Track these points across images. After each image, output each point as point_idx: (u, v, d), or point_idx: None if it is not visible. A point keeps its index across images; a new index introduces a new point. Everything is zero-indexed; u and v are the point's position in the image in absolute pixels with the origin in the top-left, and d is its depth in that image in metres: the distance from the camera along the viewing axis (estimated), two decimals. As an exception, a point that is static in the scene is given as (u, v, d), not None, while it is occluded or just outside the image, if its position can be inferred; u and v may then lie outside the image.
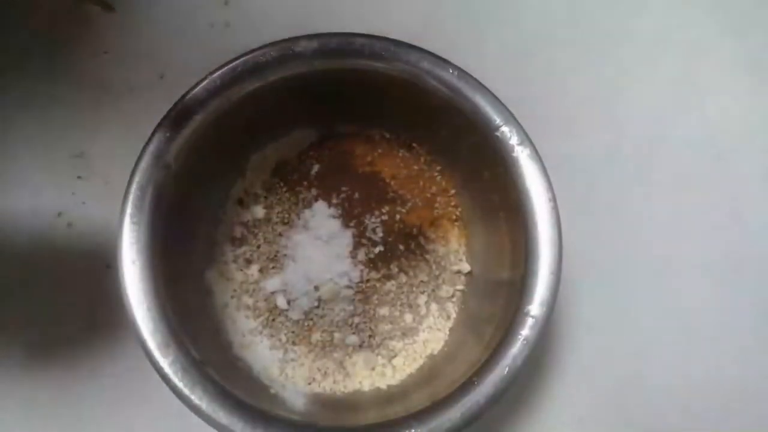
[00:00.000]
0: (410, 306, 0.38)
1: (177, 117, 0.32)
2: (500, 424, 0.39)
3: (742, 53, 0.45)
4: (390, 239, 0.38)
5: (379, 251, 0.38)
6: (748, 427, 0.40)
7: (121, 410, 0.37)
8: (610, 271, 0.41)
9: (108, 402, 0.37)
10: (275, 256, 0.38)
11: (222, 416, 0.29)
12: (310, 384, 0.36)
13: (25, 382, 0.37)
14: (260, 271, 0.38)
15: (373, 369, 0.37)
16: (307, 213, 0.38)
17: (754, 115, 0.44)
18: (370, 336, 0.37)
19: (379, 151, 0.40)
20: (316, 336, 0.37)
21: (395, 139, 0.39)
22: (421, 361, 0.37)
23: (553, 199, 0.33)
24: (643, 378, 0.40)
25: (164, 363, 0.30)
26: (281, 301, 0.37)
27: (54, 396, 0.37)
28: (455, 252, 0.39)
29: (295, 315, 0.37)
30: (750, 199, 0.43)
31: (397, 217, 0.39)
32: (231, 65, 0.33)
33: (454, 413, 0.30)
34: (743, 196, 0.43)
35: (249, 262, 0.38)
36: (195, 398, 0.29)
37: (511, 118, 0.34)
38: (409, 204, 0.39)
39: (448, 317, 0.39)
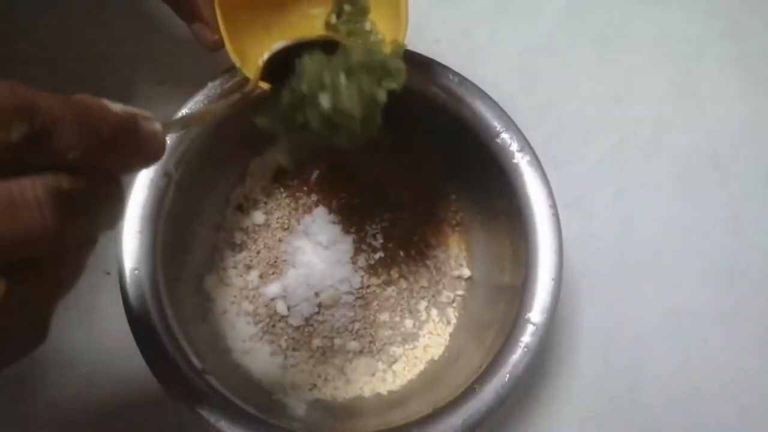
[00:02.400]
0: (411, 311, 0.38)
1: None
2: (500, 428, 0.39)
3: (741, 58, 0.45)
4: (390, 245, 0.38)
5: (380, 257, 0.38)
6: (748, 428, 0.40)
7: (120, 416, 0.37)
8: (610, 277, 0.41)
9: (108, 407, 0.37)
10: (275, 261, 0.38)
11: (224, 425, 0.29)
12: (311, 390, 0.36)
13: (25, 389, 0.37)
14: (260, 276, 0.38)
15: (373, 375, 0.37)
16: (307, 219, 0.38)
17: (753, 119, 0.44)
18: (370, 342, 0.37)
19: (380, 156, 0.39)
20: (317, 342, 0.37)
21: (396, 145, 0.39)
22: (421, 367, 0.38)
23: (554, 206, 0.33)
24: (643, 382, 0.40)
25: (165, 371, 0.30)
26: (281, 307, 0.37)
27: (52, 402, 0.37)
28: (455, 257, 0.39)
29: (295, 321, 0.37)
30: (748, 203, 0.43)
31: (398, 222, 0.39)
32: (230, 72, 0.33)
33: (455, 420, 0.30)
34: (741, 200, 0.43)
35: (249, 267, 0.38)
36: (197, 407, 0.29)
37: (512, 125, 0.34)
38: (410, 210, 0.39)
39: (449, 322, 0.39)
